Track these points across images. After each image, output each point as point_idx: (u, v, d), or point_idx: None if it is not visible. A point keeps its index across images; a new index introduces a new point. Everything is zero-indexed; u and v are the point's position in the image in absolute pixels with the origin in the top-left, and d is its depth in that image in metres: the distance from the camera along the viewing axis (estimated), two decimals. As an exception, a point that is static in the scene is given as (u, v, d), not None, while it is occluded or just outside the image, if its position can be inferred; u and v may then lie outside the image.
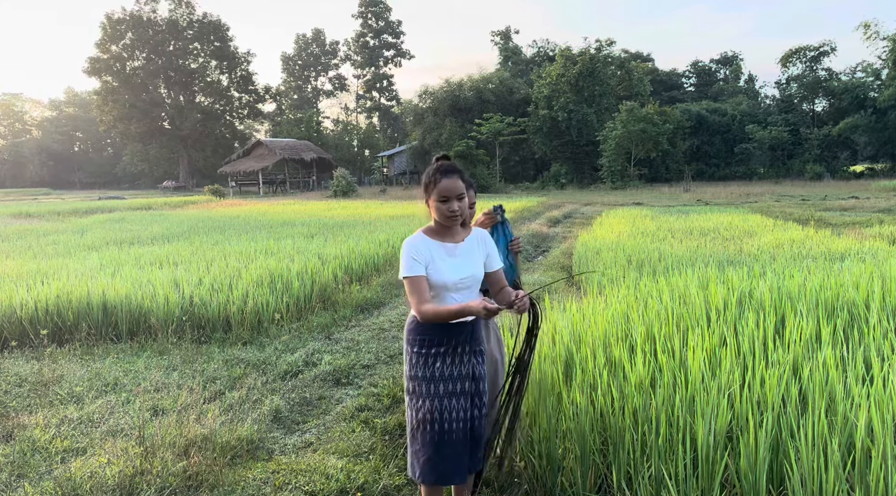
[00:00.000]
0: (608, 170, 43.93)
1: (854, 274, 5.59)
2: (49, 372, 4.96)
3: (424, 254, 2.66)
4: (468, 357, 2.74)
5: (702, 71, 70.27)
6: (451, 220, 2.64)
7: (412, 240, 2.69)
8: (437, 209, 2.63)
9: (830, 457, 2.39)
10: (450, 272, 2.66)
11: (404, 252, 2.67)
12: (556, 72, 48.51)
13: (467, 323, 2.74)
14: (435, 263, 2.68)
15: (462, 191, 2.63)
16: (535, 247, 13.06)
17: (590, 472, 2.89)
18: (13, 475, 3.37)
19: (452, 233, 2.75)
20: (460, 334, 2.73)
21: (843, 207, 20.67)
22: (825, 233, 10.87)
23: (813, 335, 3.87)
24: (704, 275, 5.95)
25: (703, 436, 2.63)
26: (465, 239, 2.76)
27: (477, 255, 2.75)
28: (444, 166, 2.64)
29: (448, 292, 2.69)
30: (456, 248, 2.71)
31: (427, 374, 2.70)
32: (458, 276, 2.65)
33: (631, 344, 3.97)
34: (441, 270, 2.66)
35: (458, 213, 2.63)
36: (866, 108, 47.09)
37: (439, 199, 2.61)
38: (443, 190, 2.60)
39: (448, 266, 2.66)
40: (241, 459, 3.58)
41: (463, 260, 2.70)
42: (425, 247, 2.68)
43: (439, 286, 2.67)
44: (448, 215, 2.62)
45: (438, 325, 2.70)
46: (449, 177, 2.61)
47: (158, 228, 14.49)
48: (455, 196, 2.61)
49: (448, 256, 2.69)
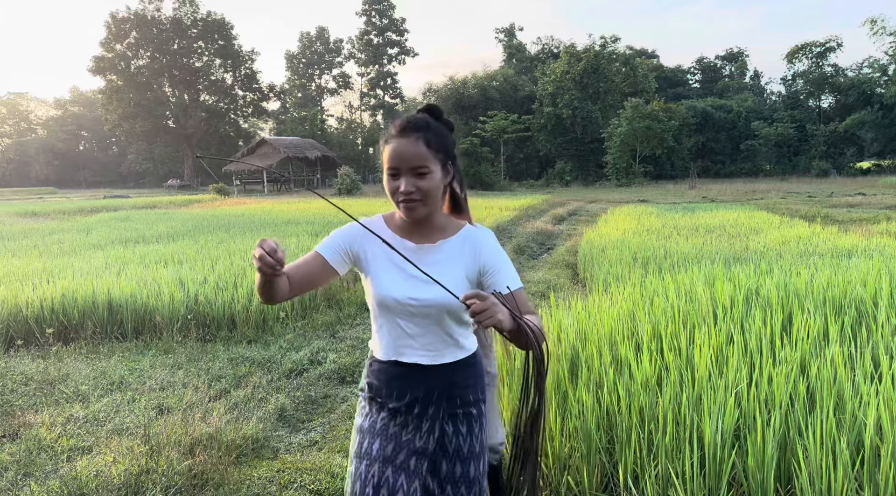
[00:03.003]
0: (613, 167, 43.86)
1: (861, 271, 5.56)
2: (55, 370, 4.97)
3: (359, 245, 1.82)
4: (432, 424, 1.85)
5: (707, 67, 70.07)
6: (405, 209, 1.73)
7: (357, 223, 1.82)
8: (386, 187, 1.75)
9: (839, 455, 2.37)
10: (395, 285, 1.76)
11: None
12: (561, 69, 48.43)
13: (436, 368, 1.84)
14: (377, 266, 1.80)
15: (423, 162, 1.68)
16: (540, 244, 13.03)
17: (596, 471, 2.88)
18: (19, 473, 3.37)
19: (425, 227, 1.82)
20: (420, 385, 1.84)
21: (850, 204, 20.58)
22: (832, 229, 10.82)
23: (820, 332, 3.85)
24: (711, 273, 5.92)
25: (711, 434, 2.61)
26: (445, 239, 1.82)
27: (456, 268, 1.78)
28: (404, 121, 1.73)
29: (393, 316, 1.81)
30: (423, 251, 1.80)
31: (365, 424, 1.89)
32: (406, 294, 1.75)
33: (637, 342, 3.95)
34: (382, 281, 1.78)
35: (413, 197, 1.70)
36: (873, 104, 46.90)
37: (387, 170, 1.72)
38: (391, 157, 1.70)
39: (395, 277, 1.77)
40: (247, 458, 3.58)
41: (428, 272, 1.69)
42: (367, 235, 1.81)
43: (379, 304, 1.81)
44: (397, 200, 1.73)
45: (388, 365, 1.86)
46: (405, 136, 1.69)
47: (163, 227, 14.51)
48: (409, 169, 1.68)
49: (400, 261, 1.78)
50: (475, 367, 1.93)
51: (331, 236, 1.84)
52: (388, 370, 1.86)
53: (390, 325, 1.82)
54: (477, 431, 1.91)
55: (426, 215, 1.76)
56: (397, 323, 1.81)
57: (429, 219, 1.80)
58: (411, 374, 1.84)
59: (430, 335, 1.82)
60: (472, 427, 1.89)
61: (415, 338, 1.82)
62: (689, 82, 69.40)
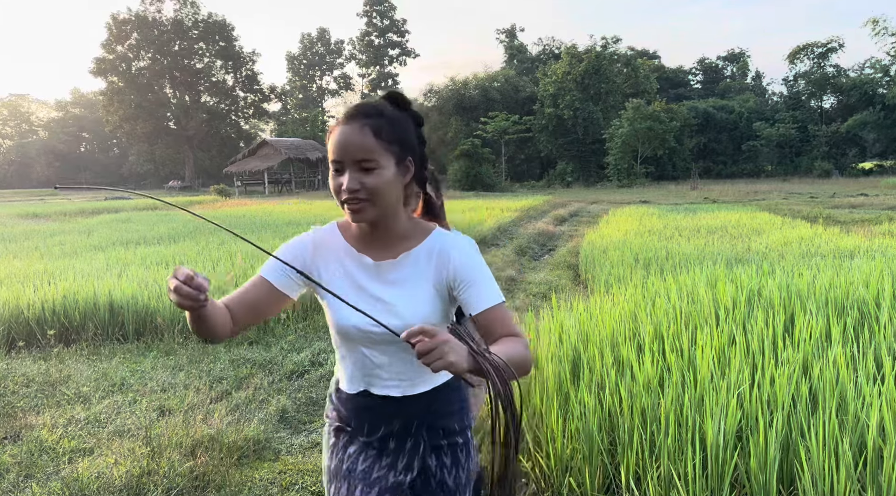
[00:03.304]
0: (614, 168, 43.83)
1: (864, 272, 5.55)
2: (56, 372, 4.97)
3: (310, 262, 1.56)
4: (410, 459, 1.61)
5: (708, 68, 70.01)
6: (349, 211, 1.45)
7: (308, 233, 1.61)
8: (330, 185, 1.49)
9: (841, 456, 2.36)
10: (350, 310, 1.42)
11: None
12: (562, 70, 48.42)
13: (412, 398, 1.59)
14: (334, 289, 1.51)
15: (369, 155, 1.40)
16: (542, 245, 13.03)
17: (598, 472, 2.87)
18: (21, 475, 3.37)
19: (385, 237, 1.53)
20: (395, 418, 1.61)
21: (852, 205, 20.56)
22: (834, 230, 10.80)
23: (823, 333, 3.84)
24: (713, 274, 5.92)
25: (713, 435, 2.60)
26: (408, 251, 1.53)
27: (423, 285, 1.51)
28: (352, 107, 1.46)
29: (353, 343, 1.56)
30: (383, 269, 1.52)
31: (332, 464, 1.66)
32: (368, 321, 1.41)
33: (639, 343, 3.94)
34: (341, 307, 1.50)
35: (358, 196, 1.42)
36: (875, 104, 46.82)
37: (331, 164, 1.46)
38: (333, 147, 1.44)
39: (355, 301, 1.47)
40: (248, 459, 3.58)
41: (389, 293, 1.51)
42: (319, 250, 1.56)
43: (339, 332, 1.57)
44: (340, 199, 1.44)
45: (356, 396, 1.62)
46: (351, 123, 1.43)
47: (164, 228, 14.52)
48: (353, 162, 1.41)
49: (360, 280, 1.53)
50: (460, 391, 1.68)
51: (279, 251, 1.57)
52: (357, 400, 1.62)
53: (354, 355, 1.58)
54: (464, 461, 1.68)
55: (376, 219, 1.48)
56: (362, 352, 1.56)
57: (388, 226, 1.52)
58: (384, 406, 1.60)
59: (401, 364, 1.56)
60: (458, 458, 1.66)
61: (383, 368, 1.57)
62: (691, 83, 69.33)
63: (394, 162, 1.44)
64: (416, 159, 1.51)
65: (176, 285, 1.24)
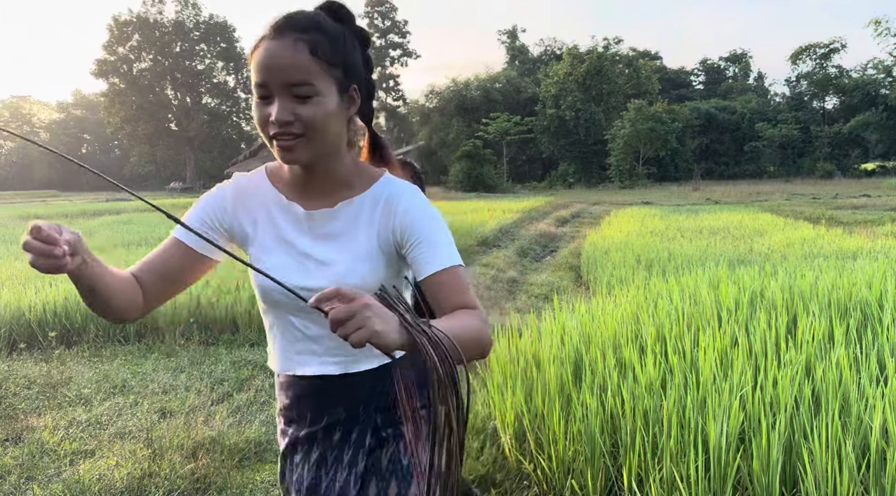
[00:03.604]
0: (616, 169, 43.86)
1: (867, 273, 5.53)
2: (57, 374, 4.97)
3: (231, 216, 1.30)
4: (355, 453, 1.36)
5: (711, 69, 70.04)
6: (278, 149, 1.17)
7: (229, 181, 1.35)
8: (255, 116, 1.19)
9: (845, 458, 2.35)
10: (281, 270, 1.23)
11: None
12: (564, 70, 48.47)
13: (354, 377, 1.32)
14: (259, 245, 1.28)
15: (304, 77, 1.12)
16: (543, 247, 13.02)
17: (600, 475, 2.86)
18: (22, 477, 3.37)
19: (323, 182, 1.26)
20: (338, 403, 1.35)
21: (855, 206, 20.54)
22: (837, 231, 10.79)
23: (825, 335, 3.83)
24: (715, 275, 5.90)
25: (715, 437, 2.59)
26: (349, 199, 1.26)
27: (360, 240, 1.25)
28: (281, 18, 1.17)
29: (280, 310, 1.31)
30: (315, 219, 1.26)
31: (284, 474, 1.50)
32: (296, 282, 1.21)
33: (641, 345, 3.93)
34: (262, 261, 1.27)
35: (291, 131, 1.14)
36: (878, 105, 46.83)
37: (256, 89, 1.16)
38: (258, 68, 1.14)
39: (282, 258, 1.26)
40: (249, 462, 3.57)
41: (322, 248, 1.25)
42: (240, 200, 1.30)
43: (263, 297, 1.32)
44: (268, 134, 1.17)
45: (291, 380, 1.38)
46: (281, 38, 1.14)
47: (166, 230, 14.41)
48: (283, 87, 1.13)
49: (286, 233, 1.27)
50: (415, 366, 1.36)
51: (194, 208, 1.32)
52: (292, 383, 1.37)
53: (283, 326, 1.33)
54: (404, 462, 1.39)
55: (313, 159, 1.19)
56: (290, 322, 1.31)
57: (326, 169, 1.24)
58: (323, 390, 1.33)
59: None
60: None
61: (316, 340, 1.30)
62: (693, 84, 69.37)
63: (335, 89, 1.17)
64: (361, 89, 1.25)
65: (24, 241, 0.97)
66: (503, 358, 3.88)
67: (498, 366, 3.83)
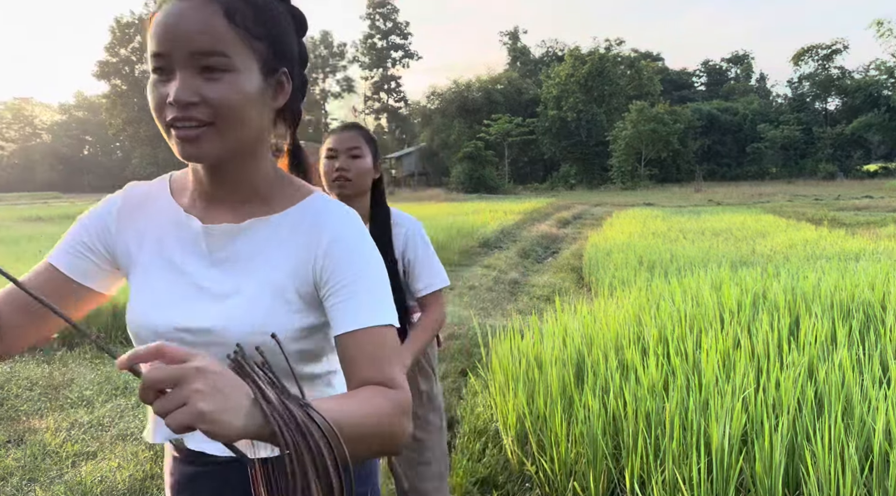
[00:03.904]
0: (618, 170, 43.88)
1: (869, 274, 5.53)
2: (59, 375, 4.98)
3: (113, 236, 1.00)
4: None
5: (712, 70, 70.03)
6: (177, 140, 0.86)
7: (118, 192, 1.05)
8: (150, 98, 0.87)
9: (847, 460, 2.35)
10: (161, 304, 0.95)
11: None
12: (566, 72, 48.51)
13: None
14: (138, 264, 0.99)
15: (215, 46, 0.83)
16: (545, 248, 13.02)
17: (602, 477, 2.86)
18: (24, 479, 3.37)
19: (234, 190, 0.95)
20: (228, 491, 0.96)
21: (857, 207, 20.52)
22: (839, 233, 10.78)
23: (828, 336, 3.82)
24: (717, 277, 5.90)
25: (718, 439, 2.59)
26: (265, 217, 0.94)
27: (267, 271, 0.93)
28: None
29: None
30: (215, 236, 0.94)
31: None
32: (174, 321, 0.93)
33: (643, 346, 3.93)
34: (140, 296, 0.98)
35: (195, 116, 0.83)
36: (880, 106, 46.81)
37: (152, 60, 0.85)
38: (155, 35, 0.84)
39: (163, 283, 0.96)
40: (251, 463, 3.57)
41: (217, 276, 0.94)
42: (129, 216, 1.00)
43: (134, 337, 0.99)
44: (164, 120, 0.86)
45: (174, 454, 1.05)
46: None
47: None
48: (187, 58, 0.83)
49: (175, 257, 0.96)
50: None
51: (74, 225, 1.02)
52: (171, 461, 1.06)
53: None
54: None
55: (223, 156, 0.88)
56: None
57: (240, 173, 0.94)
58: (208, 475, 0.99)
59: None
60: None
61: None
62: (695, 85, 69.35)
63: (257, 66, 0.88)
64: (293, 76, 0.95)
65: None
66: (505, 359, 3.88)
67: (500, 368, 3.83)
